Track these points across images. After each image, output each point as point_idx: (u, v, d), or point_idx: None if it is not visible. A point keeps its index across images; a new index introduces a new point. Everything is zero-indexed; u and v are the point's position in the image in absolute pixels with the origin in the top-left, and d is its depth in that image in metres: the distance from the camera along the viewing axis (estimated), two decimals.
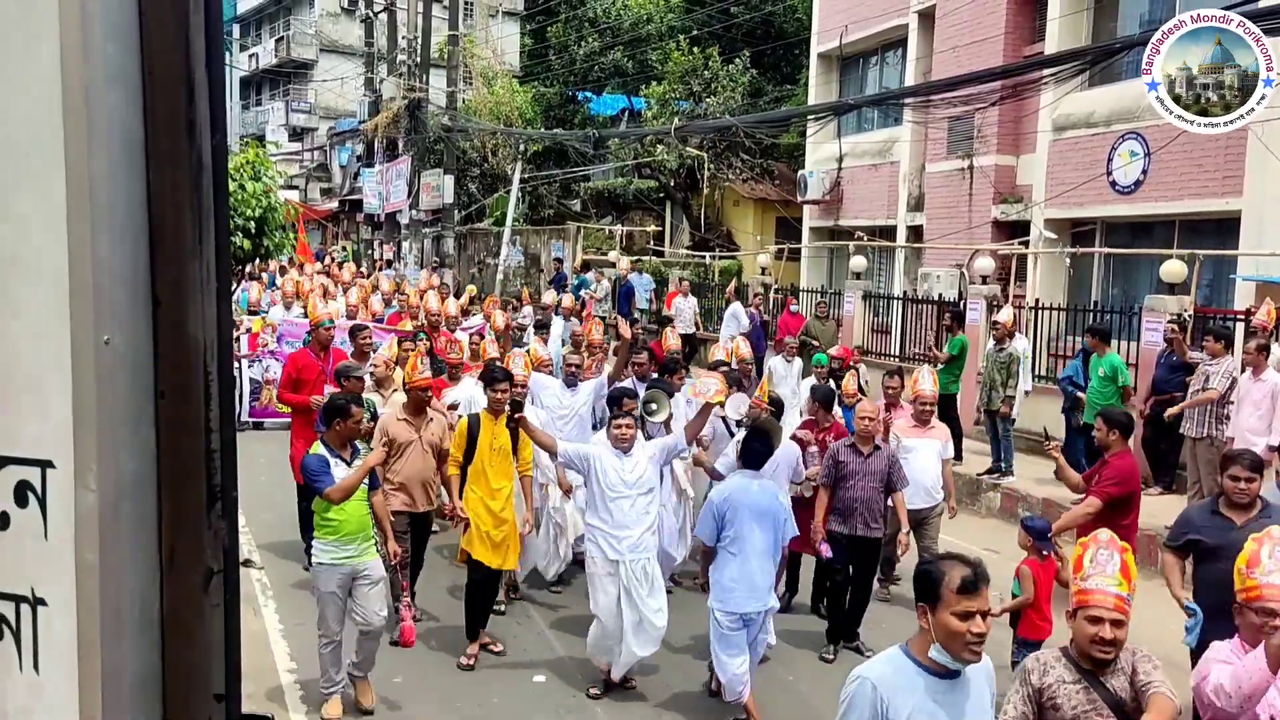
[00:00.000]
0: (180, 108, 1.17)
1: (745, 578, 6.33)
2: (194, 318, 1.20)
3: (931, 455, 8.55)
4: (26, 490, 1.18)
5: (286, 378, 9.37)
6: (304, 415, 8.96)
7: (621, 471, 6.80)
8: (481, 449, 7.44)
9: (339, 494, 6.17)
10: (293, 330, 13.89)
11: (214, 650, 1.25)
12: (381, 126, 31.43)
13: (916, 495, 8.32)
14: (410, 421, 7.71)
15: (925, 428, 8.69)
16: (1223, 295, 13.69)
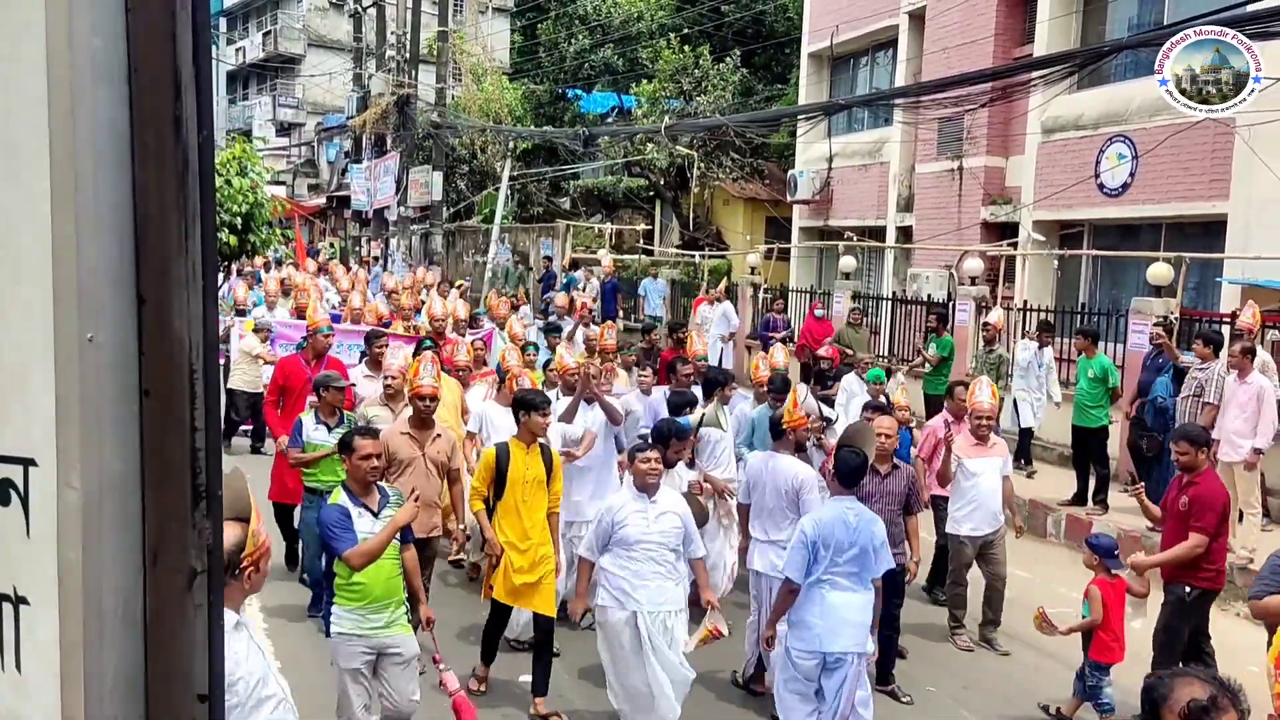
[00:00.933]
0: (167, 104, 1.17)
1: (834, 613, 5.64)
2: (179, 316, 1.19)
3: (995, 475, 7.90)
4: (9, 488, 1.17)
5: (274, 384, 9.13)
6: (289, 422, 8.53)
7: (646, 520, 5.99)
8: (513, 482, 6.57)
9: (361, 559, 5.19)
10: (287, 333, 13.17)
11: (197, 650, 1.24)
12: (370, 122, 31.36)
13: (984, 520, 7.84)
14: (414, 436, 6.97)
15: (985, 445, 7.99)
16: (1209, 298, 13.76)
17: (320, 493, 7.39)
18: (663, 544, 5.96)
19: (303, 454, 7.76)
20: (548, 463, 6.70)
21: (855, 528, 5.67)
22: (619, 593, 5.96)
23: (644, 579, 5.93)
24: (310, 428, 7.84)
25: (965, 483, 7.87)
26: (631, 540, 5.93)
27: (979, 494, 7.79)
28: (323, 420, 7.86)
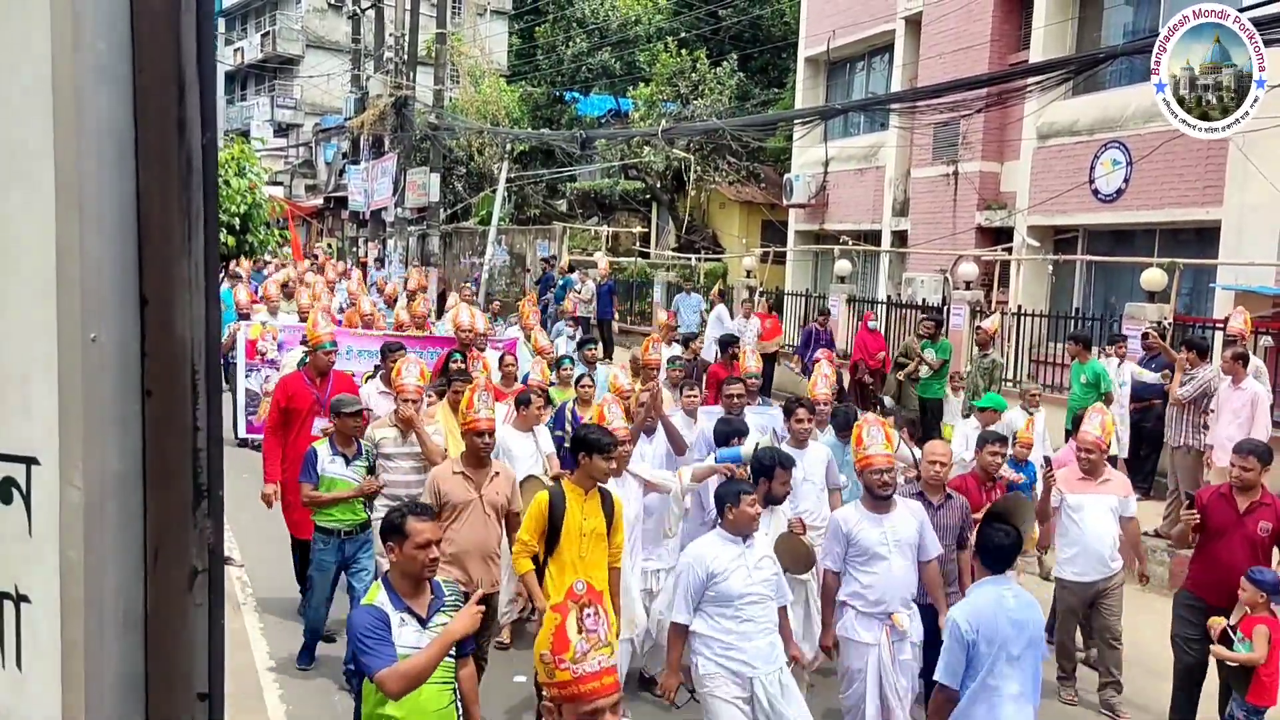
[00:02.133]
0: (170, 106, 1.18)
1: None
2: (181, 317, 1.21)
3: (1105, 514, 6.92)
4: (11, 487, 1.18)
5: (274, 408, 7.94)
6: (290, 459, 7.61)
7: (748, 569, 5.20)
8: (569, 535, 5.69)
9: (400, 684, 3.84)
10: (296, 338, 11.94)
11: (198, 649, 1.25)
12: (368, 124, 31.31)
13: (1090, 565, 6.90)
14: (469, 476, 5.99)
15: (1094, 480, 6.98)
16: (1202, 304, 13.79)
17: (333, 534, 6.85)
18: (766, 595, 5.23)
19: (317, 492, 6.75)
20: (608, 511, 5.80)
21: (1018, 615, 4.72)
22: (726, 659, 5.14)
23: (751, 638, 5.14)
24: (325, 460, 6.77)
25: (1067, 521, 6.98)
26: (735, 595, 5.13)
27: (1083, 535, 6.88)
28: (339, 451, 6.82)
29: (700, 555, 5.23)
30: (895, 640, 5.70)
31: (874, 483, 5.79)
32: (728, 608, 5.13)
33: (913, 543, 5.81)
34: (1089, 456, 6.98)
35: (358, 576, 6.89)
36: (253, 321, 12.78)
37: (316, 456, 6.77)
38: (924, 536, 5.89)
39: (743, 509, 5.21)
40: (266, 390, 11.80)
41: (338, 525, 6.86)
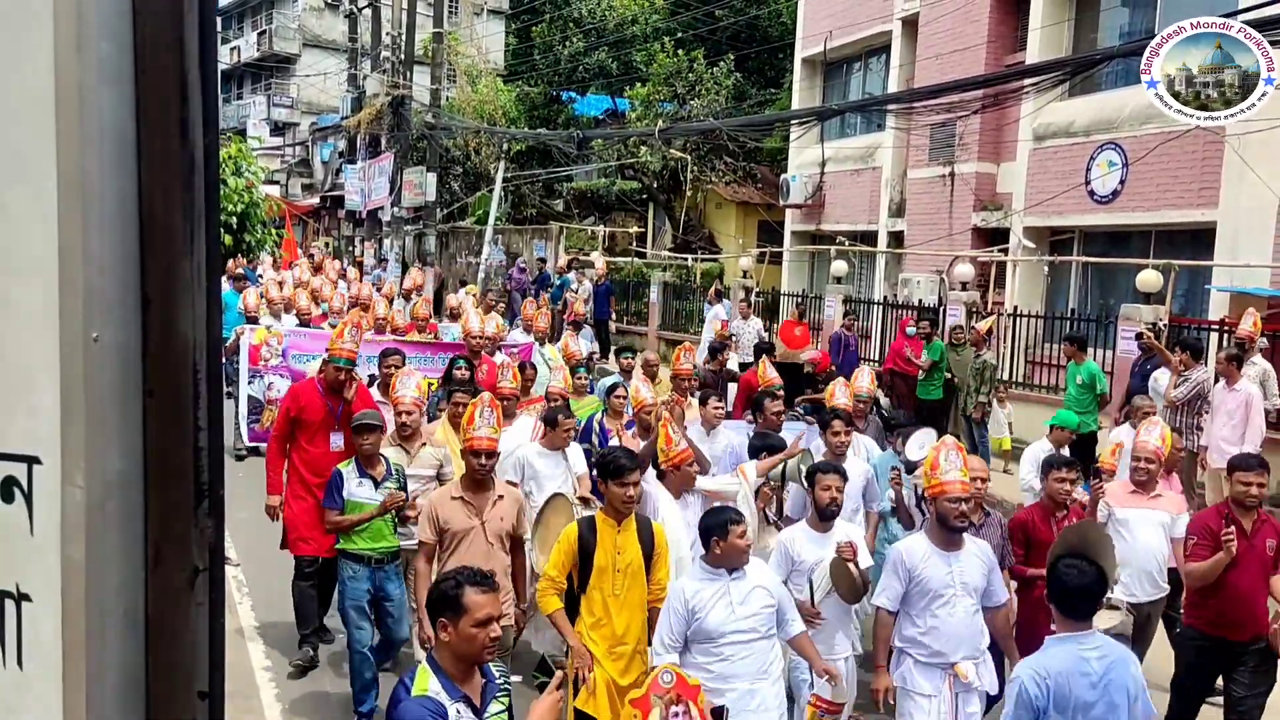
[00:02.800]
0: (173, 107, 1.18)
1: None
2: (184, 316, 1.21)
3: (1155, 530, 6.49)
4: (13, 486, 1.18)
5: (283, 415, 7.31)
6: (296, 468, 7.19)
7: (732, 603, 4.75)
8: (600, 570, 5.14)
9: None
10: (302, 343, 11.55)
11: (199, 648, 1.25)
12: (364, 123, 31.31)
13: (1138, 584, 6.47)
14: (468, 501, 5.56)
15: (1146, 494, 6.57)
16: (1197, 305, 13.83)
17: (362, 561, 6.27)
18: (753, 632, 4.72)
19: (342, 517, 6.24)
20: (647, 543, 5.24)
21: (1101, 677, 3.97)
22: None
23: (730, 681, 4.70)
24: (352, 483, 6.29)
25: (1114, 538, 6.25)
26: (714, 633, 4.69)
27: (1132, 552, 6.36)
28: (366, 473, 6.30)
29: (679, 589, 4.84)
30: (960, 692, 5.14)
31: (949, 513, 5.13)
32: (709, 645, 4.70)
33: (979, 586, 5.24)
34: (1147, 467, 6.55)
35: (387, 612, 6.40)
36: (257, 326, 12.21)
37: (342, 480, 6.26)
38: (992, 580, 5.33)
39: (731, 541, 4.74)
40: (270, 397, 11.35)
41: (367, 553, 6.29)
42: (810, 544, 5.67)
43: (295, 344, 11.53)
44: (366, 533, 6.28)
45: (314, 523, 6.84)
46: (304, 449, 7.15)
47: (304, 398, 7.29)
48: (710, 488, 6.21)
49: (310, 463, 7.10)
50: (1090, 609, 4.10)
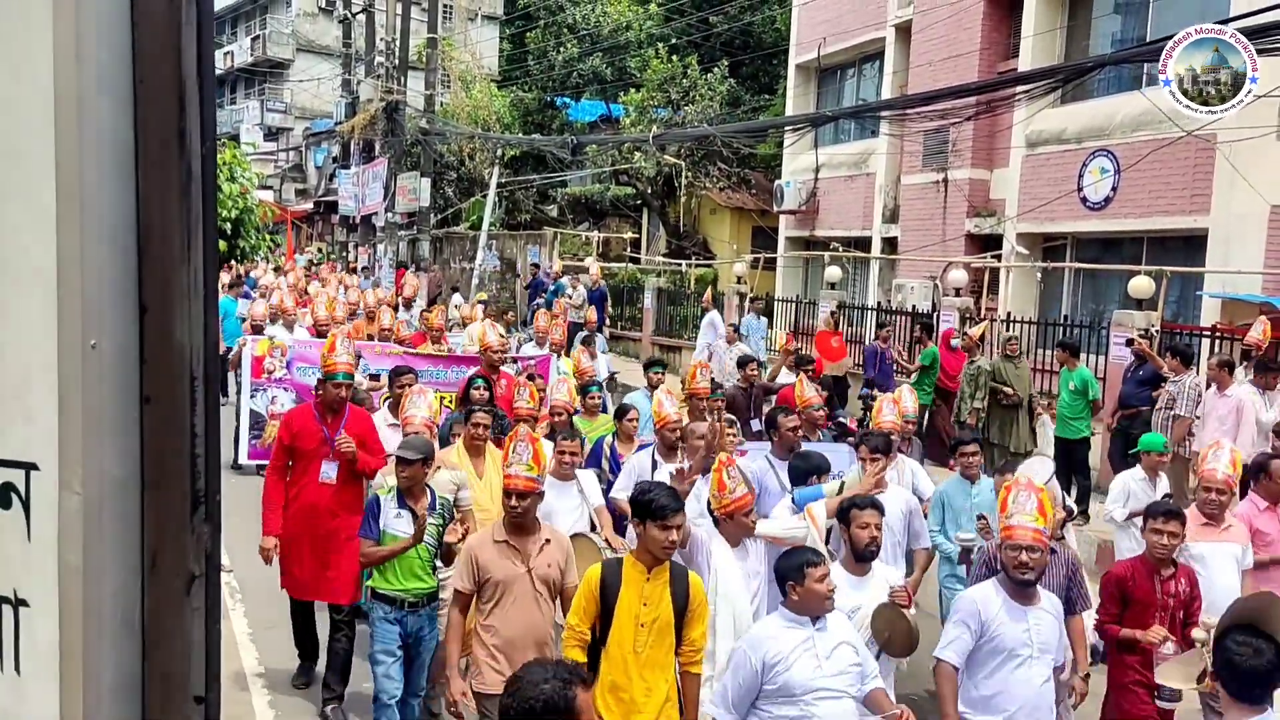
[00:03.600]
0: (171, 117, 1.19)
1: None
2: (180, 324, 1.22)
3: (1230, 564, 5.98)
4: (10, 492, 1.19)
5: (278, 445, 6.73)
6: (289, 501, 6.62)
7: (819, 656, 4.23)
8: (622, 622, 4.47)
9: None
10: (308, 354, 10.74)
11: (194, 653, 1.26)
12: (358, 128, 31.32)
13: None
14: (513, 546, 4.90)
15: (1217, 526, 6.07)
16: (1190, 311, 13.88)
17: (395, 603, 5.67)
18: (842, 691, 4.21)
19: (378, 548, 5.63)
20: (681, 596, 4.51)
21: None
22: None
23: None
24: (390, 513, 5.67)
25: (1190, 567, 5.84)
26: (799, 689, 4.15)
27: (1211, 590, 5.69)
28: (408, 505, 5.69)
29: (756, 640, 4.28)
30: None
31: (1010, 561, 4.57)
32: (790, 705, 4.15)
33: (1055, 648, 4.73)
34: (1219, 499, 6.01)
35: (413, 655, 5.83)
36: (260, 336, 11.49)
37: (379, 508, 5.67)
38: (1064, 638, 4.84)
39: (809, 586, 4.22)
40: (273, 412, 10.57)
41: (400, 594, 5.66)
42: (847, 589, 4.82)
43: (301, 355, 10.85)
44: (400, 571, 5.66)
45: (305, 563, 6.49)
46: (295, 480, 6.60)
47: (298, 423, 6.67)
48: (773, 534, 5.42)
49: (298, 496, 6.55)
50: (1266, 694, 3.57)
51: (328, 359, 6.74)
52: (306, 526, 6.52)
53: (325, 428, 6.57)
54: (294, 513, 6.54)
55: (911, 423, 7.96)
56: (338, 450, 6.50)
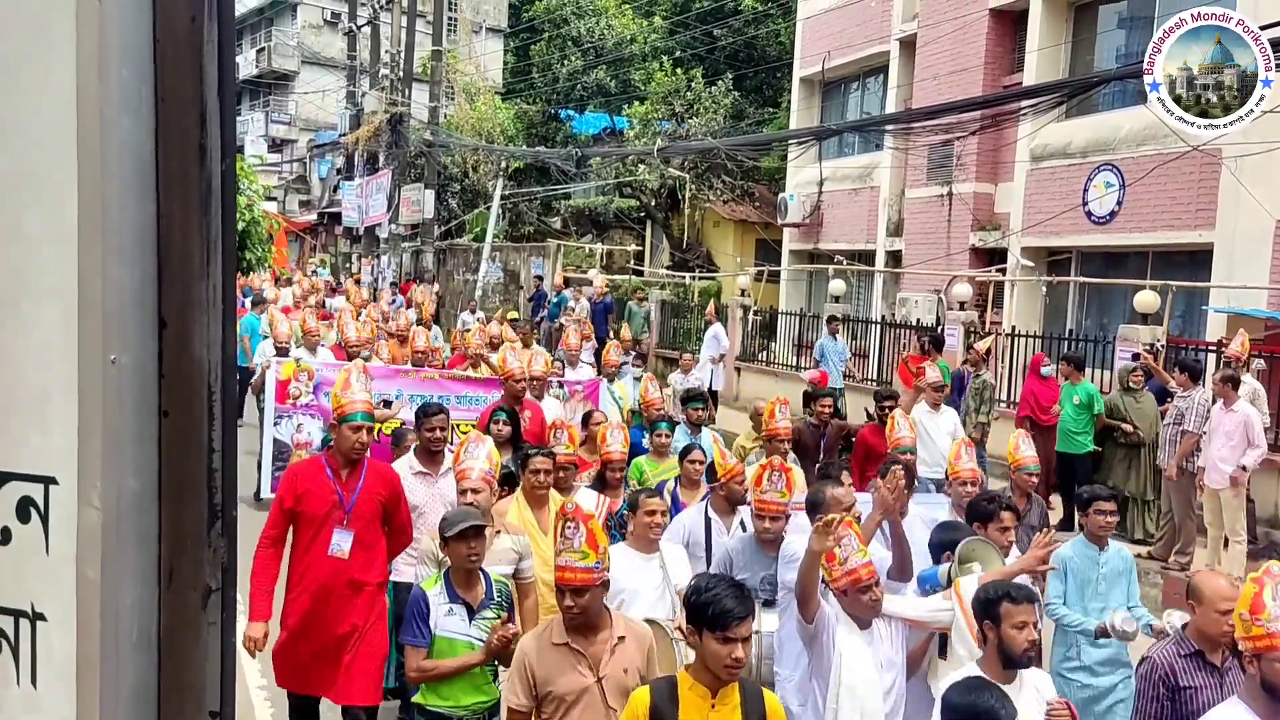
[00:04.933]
0: (192, 133, 1.20)
1: None
2: (199, 339, 1.22)
3: None
4: (29, 506, 1.20)
5: (277, 508, 5.28)
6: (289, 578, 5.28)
7: None
8: None
9: None
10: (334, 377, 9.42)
11: (210, 667, 1.26)
12: (362, 140, 31.42)
13: None
14: (576, 650, 3.91)
15: None
16: (1195, 326, 13.87)
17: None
18: None
19: (431, 663, 4.48)
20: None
21: None
22: None
23: None
24: (439, 609, 4.50)
25: None
26: None
27: None
28: (458, 596, 4.53)
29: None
30: None
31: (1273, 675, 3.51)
32: None
33: None
34: None
35: None
36: (285, 359, 10.41)
37: (426, 606, 4.49)
38: None
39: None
40: (299, 441, 9.61)
41: (455, 711, 4.53)
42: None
43: (329, 379, 9.47)
44: (454, 682, 4.52)
45: (311, 660, 5.26)
46: (300, 553, 5.22)
47: (304, 481, 5.24)
48: (911, 615, 4.48)
49: (304, 572, 5.18)
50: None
51: (340, 397, 5.32)
52: (314, 613, 5.16)
53: (339, 487, 5.17)
54: (297, 596, 5.20)
55: (1032, 475, 6.66)
56: (354, 516, 5.16)
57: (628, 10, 31.22)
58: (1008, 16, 17.40)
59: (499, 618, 4.52)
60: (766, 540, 5.19)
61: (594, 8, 30.21)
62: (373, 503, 5.24)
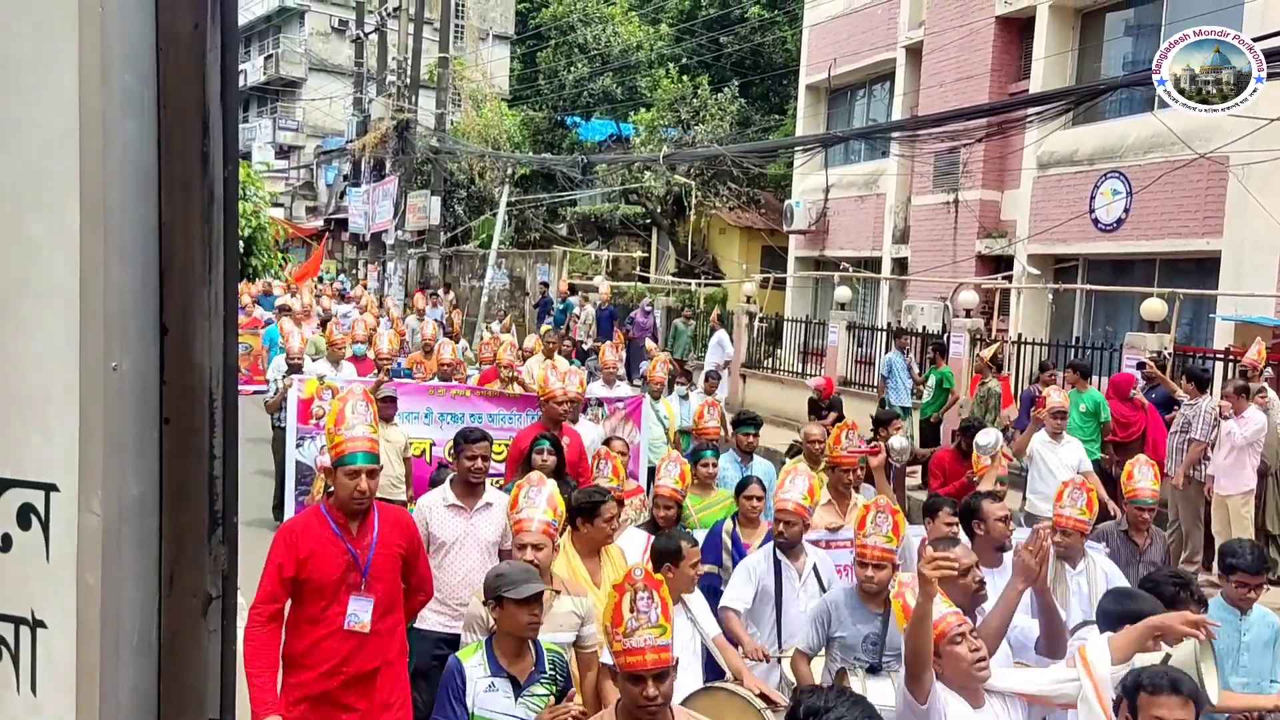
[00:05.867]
0: (194, 139, 1.20)
1: None
2: (200, 345, 1.22)
3: None
4: (29, 513, 1.19)
5: (273, 576, 4.18)
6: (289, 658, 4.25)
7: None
8: None
9: None
10: None
11: (210, 674, 1.26)
12: (369, 146, 31.49)
13: None
14: None
15: None
16: (1202, 334, 13.83)
17: None
18: None
19: None
20: None
21: None
22: None
23: None
24: (478, 684, 3.79)
25: None
26: None
27: None
28: (501, 668, 3.81)
29: None
30: None
31: None
32: None
33: None
34: None
35: None
36: (306, 375, 9.60)
37: (462, 681, 3.77)
38: None
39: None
40: (322, 464, 8.27)
41: None
42: None
43: None
44: None
45: None
46: (303, 630, 4.21)
47: (307, 541, 4.19)
48: (1030, 690, 3.74)
49: (310, 652, 4.19)
50: None
51: (335, 434, 4.28)
52: (326, 700, 4.21)
53: (350, 544, 4.21)
54: (301, 683, 4.19)
55: (1149, 510, 5.94)
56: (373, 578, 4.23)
57: (634, 17, 31.27)
58: (1014, 24, 17.40)
59: (551, 695, 3.78)
60: (871, 593, 4.45)
61: (600, 15, 30.26)
62: (392, 558, 4.30)
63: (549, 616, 4.03)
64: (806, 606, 4.88)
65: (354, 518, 4.26)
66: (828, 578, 5.17)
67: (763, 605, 5.02)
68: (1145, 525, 6.00)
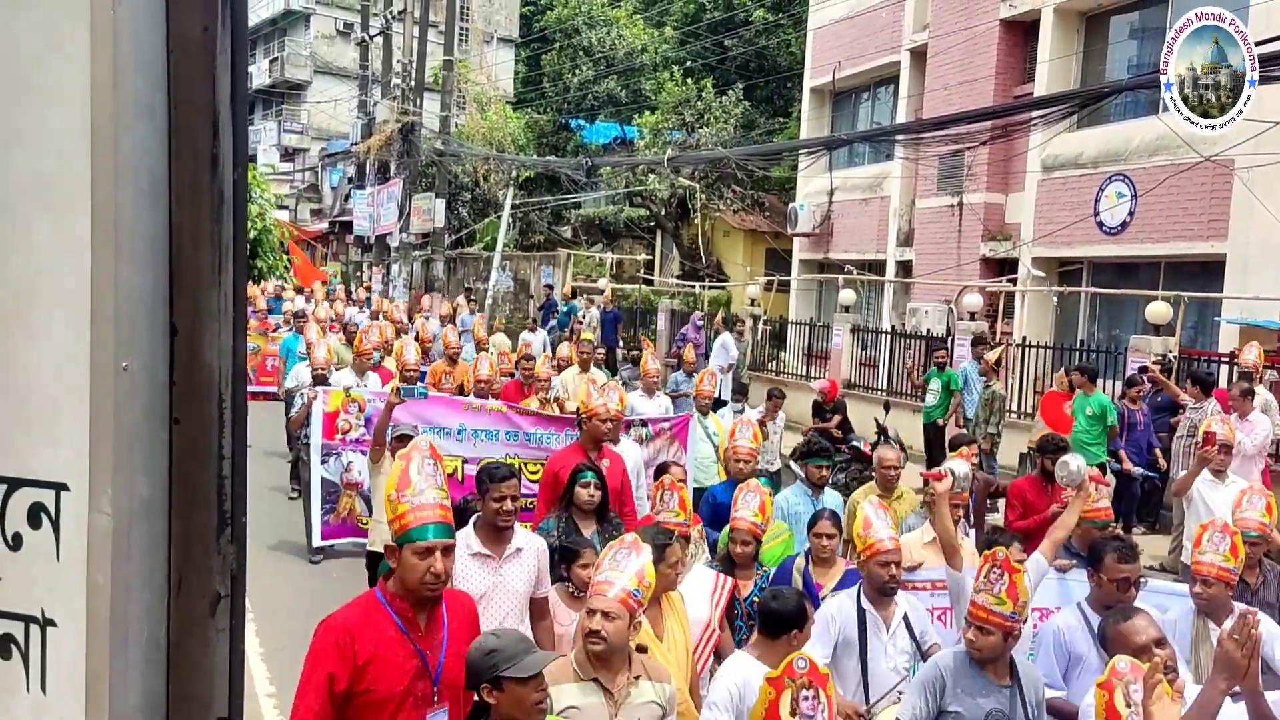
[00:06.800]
0: (204, 142, 1.21)
1: None
2: (210, 346, 1.23)
3: None
4: (40, 512, 1.20)
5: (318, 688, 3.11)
6: None
7: None
8: None
9: None
10: None
11: (218, 674, 1.26)
12: (374, 149, 31.54)
13: None
14: None
15: None
16: (1208, 337, 13.82)
17: None
18: None
19: None
20: None
21: None
22: None
23: None
24: None
25: None
26: None
27: None
28: None
29: None
30: None
31: None
32: None
33: None
34: None
35: None
36: (333, 388, 9.10)
37: None
38: None
39: None
40: (349, 481, 8.40)
41: None
42: None
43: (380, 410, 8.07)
44: None
45: None
46: None
47: (365, 644, 3.18)
48: None
49: None
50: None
51: (399, 503, 3.28)
52: None
53: (418, 644, 3.24)
54: None
55: (1257, 544, 5.28)
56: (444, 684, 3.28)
57: (639, 20, 31.30)
58: (1019, 27, 17.40)
59: None
60: (986, 660, 3.82)
61: (605, 18, 30.30)
62: (464, 658, 3.25)
63: (626, 707, 3.39)
64: (896, 663, 4.45)
65: (422, 608, 3.27)
66: (920, 629, 4.63)
67: (845, 658, 4.49)
68: (1256, 562, 5.28)
